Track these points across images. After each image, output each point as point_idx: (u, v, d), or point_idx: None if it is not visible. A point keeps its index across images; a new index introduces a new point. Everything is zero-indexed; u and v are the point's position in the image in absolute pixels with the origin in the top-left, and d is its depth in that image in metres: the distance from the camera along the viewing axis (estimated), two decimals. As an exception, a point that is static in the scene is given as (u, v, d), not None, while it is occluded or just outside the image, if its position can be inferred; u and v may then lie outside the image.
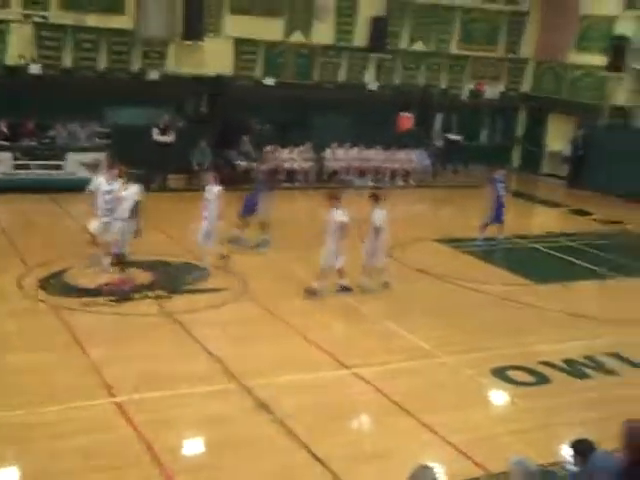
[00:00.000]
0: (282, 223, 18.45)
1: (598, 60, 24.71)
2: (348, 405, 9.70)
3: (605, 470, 6.25)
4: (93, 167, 19.59)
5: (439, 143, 25.64)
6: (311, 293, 13.20)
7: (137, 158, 19.49)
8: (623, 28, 24.07)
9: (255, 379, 9.95)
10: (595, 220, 20.66)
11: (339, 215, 13.12)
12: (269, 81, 23.37)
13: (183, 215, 18.03)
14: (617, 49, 23.98)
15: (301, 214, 20.62)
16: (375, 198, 13.79)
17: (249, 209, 15.89)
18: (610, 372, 11.19)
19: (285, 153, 22.47)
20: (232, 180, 21.17)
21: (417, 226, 19.66)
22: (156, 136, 20.56)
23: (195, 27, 21.84)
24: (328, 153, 23.09)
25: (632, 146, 22.80)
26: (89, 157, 19.74)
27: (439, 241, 17.55)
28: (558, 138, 26.50)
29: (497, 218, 17.58)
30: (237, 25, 22.57)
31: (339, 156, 23.24)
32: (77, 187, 18.57)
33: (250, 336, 11.52)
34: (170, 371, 10.05)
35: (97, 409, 9.01)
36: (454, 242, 17.43)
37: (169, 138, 20.62)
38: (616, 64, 23.95)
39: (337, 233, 13.06)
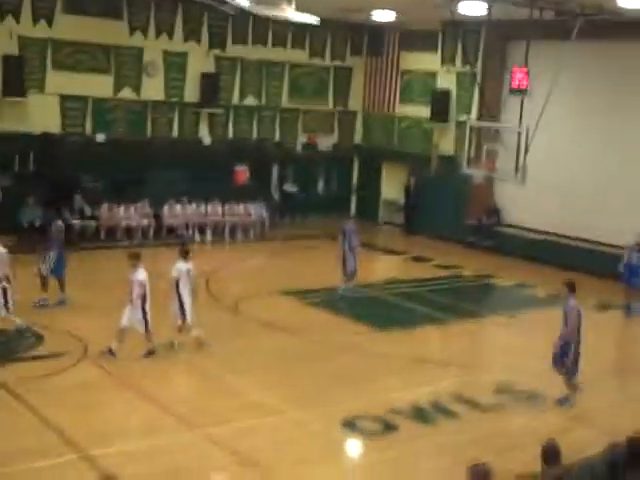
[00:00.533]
0: (120, 282, 17.95)
1: (423, 112, 25.77)
2: (197, 469, 9.38)
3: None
4: None
5: (276, 195, 25.82)
6: (110, 354, 12.62)
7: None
8: (444, 81, 25.26)
9: (100, 448, 9.49)
10: (435, 266, 21.29)
11: (140, 274, 12.93)
12: (100, 137, 22.84)
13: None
14: (440, 101, 25.10)
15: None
16: (184, 253, 13.58)
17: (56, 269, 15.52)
18: (454, 415, 11.41)
19: (121, 211, 21.94)
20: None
21: (260, 279, 19.61)
22: None
23: (16, 83, 21.08)
24: (166, 209, 22.75)
25: (459, 192, 23.81)
26: None
27: (283, 293, 17.53)
28: (392, 187, 27.32)
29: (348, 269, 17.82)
30: (62, 81, 21.95)
31: (177, 212, 22.95)
32: None
33: (92, 402, 11.01)
34: (5, 447, 9.39)
35: None
36: (298, 294, 17.47)
37: None
38: (440, 115, 25.03)
39: (138, 292, 12.84)
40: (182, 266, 13.40)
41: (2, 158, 20.88)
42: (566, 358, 11.80)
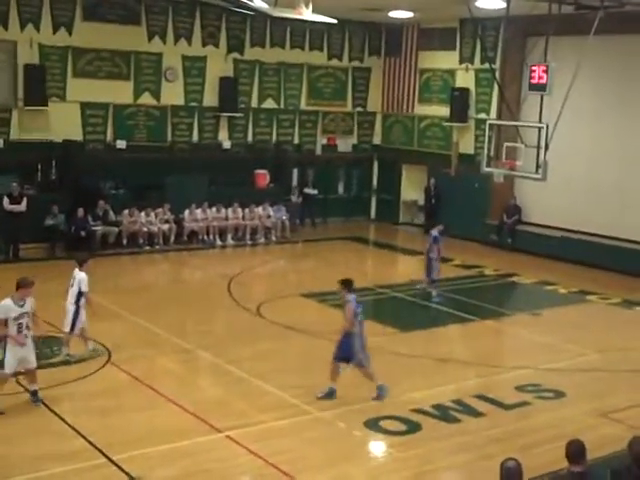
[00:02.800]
0: (144, 288, 18.12)
1: (442, 111, 25.74)
2: (223, 471, 9.42)
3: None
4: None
5: (296, 198, 25.90)
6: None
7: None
8: (463, 80, 25.21)
9: (125, 452, 9.54)
10: (456, 265, 21.23)
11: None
12: (121, 144, 23.01)
13: (39, 285, 17.30)
14: (459, 100, 25.05)
15: (162, 277, 20.31)
16: (80, 262, 13.20)
17: None
18: (478, 414, 11.38)
19: (143, 216, 22.07)
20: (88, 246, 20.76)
21: (282, 282, 19.70)
22: (7, 205, 19.77)
23: (37, 92, 21.30)
24: (186, 214, 22.86)
25: (479, 192, 23.76)
26: None
27: (305, 296, 17.56)
28: (412, 187, 27.32)
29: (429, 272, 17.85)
30: (83, 88, 22.17)
31: (197, 216, 23.04)
32: None
33: (117, 407, 11.09)
34: (31, 452, 9.48)
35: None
36: (319, 296, 17.47)
37: (21, 207, 19.84)
38: (459, 114, 24.98)
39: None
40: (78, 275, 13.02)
41: (25, 167, 21.11)
42: (352, 349, 11.56)
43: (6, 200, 19.80)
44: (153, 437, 10.07)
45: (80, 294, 12.83)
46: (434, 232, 18.03)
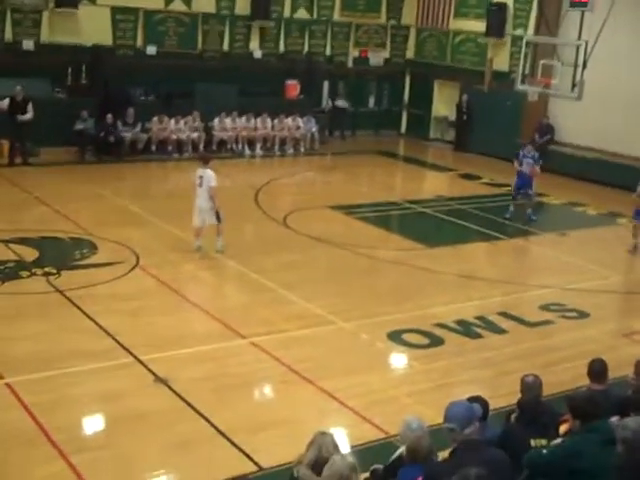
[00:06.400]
0: (172, 195, 18.20)
1: (478, 26, 25.16)
2: (247, 375, 9.62)
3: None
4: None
5: (327, 110, 25.66)
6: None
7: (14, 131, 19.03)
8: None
9: (151, 353, 9.77)
10: (484, 184, 21.09)
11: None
12: (151, 50, 22.80)
13: (69, 188, 17.51)
14: (496, 15, 24.44)
15: (191, 185, 20.33)
16: (205, 160, 14.07)
17: None
18: (501, 331, 11.47)
19: (172, 124, 22.01)
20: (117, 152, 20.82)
21: (310, 194, 19.70)
22: (4, 106, 18.96)
23: (68, -7, 21.04)
24: (216, 123, 22.75)
25: (512, 110, 23.40)
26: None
27: (332, 208, 17.56)
28: (443, 103, 26.95)
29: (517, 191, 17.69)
30: (113, -8, 21.90)
31: (227, 125, 22.93)
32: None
33: (144, 309, 11.29)
34: (62, 349, 9.74)
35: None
36: (347, 208, 17.49)
37: (26, 117, 19.08)
38: (496, 30, 24.41)
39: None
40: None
41: (55, 70, 21.00)
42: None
43: (5, 102, 19.03)
44: (179, 340, 10.27)
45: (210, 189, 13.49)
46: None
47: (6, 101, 19.04)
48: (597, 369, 6.98)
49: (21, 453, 7.55)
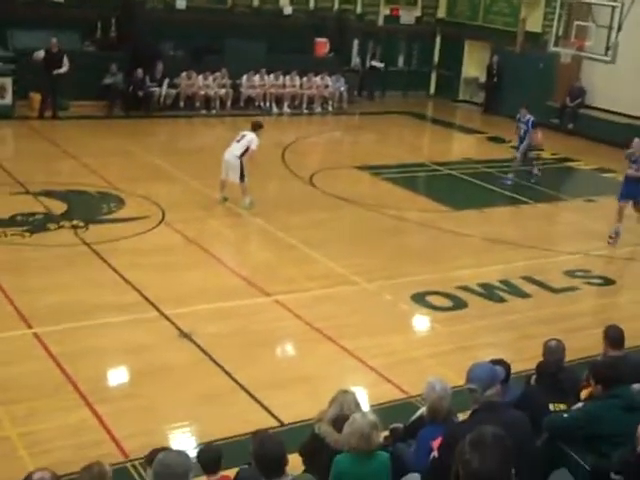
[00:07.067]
0: (199, 151, 18.24)
1: (513, -14, 24.78)
2: (270, 332, 9.70)
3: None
4: (-1, 92, 18.89)
5: (358, 69, 25.47)
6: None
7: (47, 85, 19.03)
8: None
9: (175, 307, 9.86)
10: (513, 147, 20.87)
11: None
12: (181, 5, 22.68)
13: (97, 142, 17.59)
14: (531, -26, 24.04)
15: (218, 142, 20.33)
16: (254, 125, 14.27)
17: None
18: (524, 295, 11.44)
19: (200, 80, 21.95)
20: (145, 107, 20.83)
21: (337, 153, 19.66)
22: (38, 57, 18.82)
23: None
24: (244, 80, 22.66)
25: (544, 72, 23.09)
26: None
27: (359, 168, 17.51)
28: (474, 64, 26.64)
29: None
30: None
31: (255, 82, 22.84)
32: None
33: (170, 265, 11.36)
34: (88, 301, 9.84)
35: (12, 341, 8.79)
36: (374, 169, 17.44)
37: (62, 70, 19.06)
38: (530, -10, 24.02)
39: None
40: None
41: (85, 23, 20.97)
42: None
43: (40, 54, 18.87)
44: (204, 296, 10.35)
45: (246, 150, 13.66)
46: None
47: (41, 52, 18.98)
48: (615, 335, 6.97)
49: (48, 401, 7.69)
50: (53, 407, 7.60)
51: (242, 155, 13.64)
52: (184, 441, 7.34)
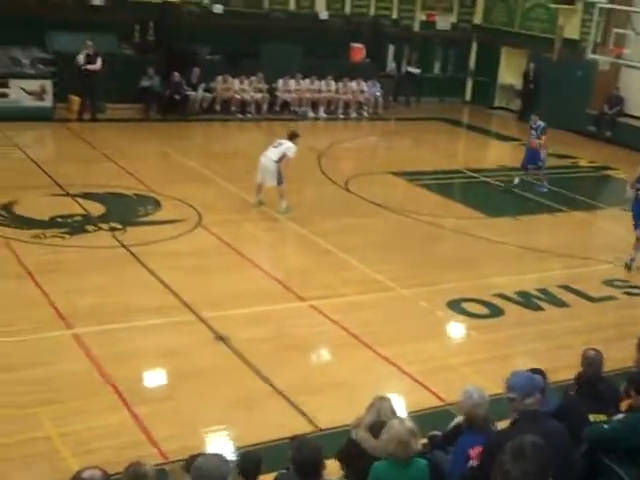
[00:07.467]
0: (235, 155, 18.32)
1: (550, -8, 24.63)
2: (305, 337, 9.71)
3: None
4: (38, 95, 19.09)
5: (393, 74, 25.45)
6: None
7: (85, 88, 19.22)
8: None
9: (212, 311, 9.90)
10: (549, 154, 20.73)
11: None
12: (218, 9, 22.82)
13: (134, 145, 17.74)
14: (569, -19, 23.87)
15: (253, 146, 20.41)
16: (291, 135, 14.26)
17: None
18: (562, 304, 11.35)
19: (236, 84, 22.06)
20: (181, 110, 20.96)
21: (372, 158, 19.67)
22: (81, 60, 19.25)
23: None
24: (280, 84, 22.74)
25: (581, 79, 22.91)
26: (33, 85, 19.11)
27: (394, 174, 17.48)
28: (510, 71, 26.52)
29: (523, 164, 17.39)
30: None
31: (291, 87, 22.91)
32: (21, 116, 18.28)
33: (206, 268, 11.43)
34: (126, 303, 9.93)
35: (52, 341, 8.88)
36: (409, 175, 17.41)
37: (96, 66, 19.39)
38: (568, -4, 23.86)
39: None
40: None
41: (122, 26, 21.16)
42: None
43: (81, 57, 19.25)
44: (239, 299, 10.39)
45: (283, 157, 13.74)
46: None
47: (82, 55, 19.26)
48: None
49: (88, 402, 7.76)
50: (93, 408, 7.67)
51: (279, 160, 13.71)
52: (221, 445, 7.37)
